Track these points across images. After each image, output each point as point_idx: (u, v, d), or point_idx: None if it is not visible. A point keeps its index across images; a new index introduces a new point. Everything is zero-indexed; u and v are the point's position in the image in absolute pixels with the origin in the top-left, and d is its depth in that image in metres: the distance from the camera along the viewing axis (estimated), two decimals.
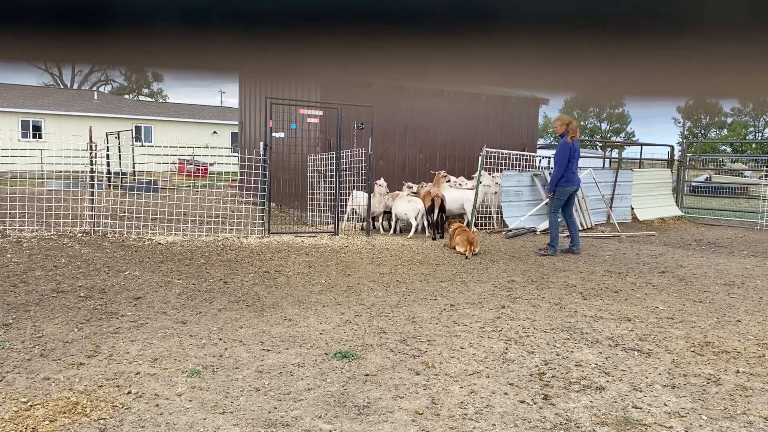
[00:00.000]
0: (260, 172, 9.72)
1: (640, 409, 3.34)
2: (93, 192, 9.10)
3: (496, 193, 10.90)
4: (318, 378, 3.66)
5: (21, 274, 6.26)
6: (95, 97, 34.34)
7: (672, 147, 15.80)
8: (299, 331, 4.61)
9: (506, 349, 4.31)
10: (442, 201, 9.56)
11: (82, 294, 5.56)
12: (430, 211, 9.65)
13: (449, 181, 10.65)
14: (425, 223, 9.90)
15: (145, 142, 29.29)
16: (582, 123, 65.92)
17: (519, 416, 3.20)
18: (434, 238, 9.62)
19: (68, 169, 11.36)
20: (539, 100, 14.55)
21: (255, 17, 0.46)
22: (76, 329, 4.50)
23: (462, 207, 10.50)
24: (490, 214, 11.15)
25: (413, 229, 9.83)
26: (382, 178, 10.41)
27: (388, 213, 10.55)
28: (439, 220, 9.74)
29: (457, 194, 10.59)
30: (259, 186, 9.79)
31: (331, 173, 10.21)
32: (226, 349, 4.15)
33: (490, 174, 11.17)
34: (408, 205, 9.85)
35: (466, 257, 8.02)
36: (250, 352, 4.08)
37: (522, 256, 8.36)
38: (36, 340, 4.21)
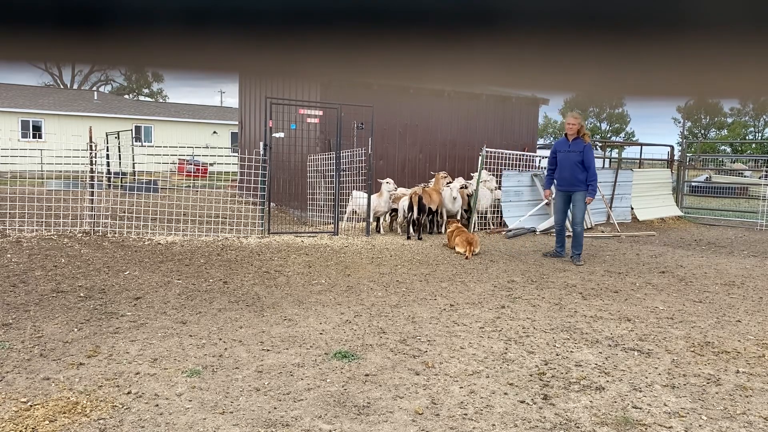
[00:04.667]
0: (260, 172, 9.73)
1: (640, 409, 3.34)
2: (93, 192, 9.10)
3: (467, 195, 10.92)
4: (318, 378, 3.66)
5: (21, 274, 6.26)
6: (95, 97, 34.33)
7: (672, 147, 15.80)
8: (299, 331, 4.61)
9: (506, 349, 4.31)
10: (420, 199, 9.55)
11: (82, 294, 5.55)
12: (410, 209, 9.64)
13: (450, 182, 10.64)
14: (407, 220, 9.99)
15: (145, 142, 29.28)
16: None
17: (519, 416, 3.20)
18: (408, 237, 9.64)
19: (68, 169, 11.36)
20: (539, 100, 14.55)
21: (255, 17, 0.46)
22: (76, 329, 4.50)
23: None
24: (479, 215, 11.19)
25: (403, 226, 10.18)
26: (390, 179, 10.39)
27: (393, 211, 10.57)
28: (420, 219, 9.76)
29: (487, 193, 10.86)
30: (259, 186, 9.79)
31: (331, 173, 10.21)
32: (225, 349, 4.15)
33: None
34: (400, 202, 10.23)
35: (466, 257, 8.02)
36: (249, 352, 4.08)
37: (522, 256, 8.36)
38: (36, 340, 4.21)
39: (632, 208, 13.20)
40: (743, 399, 3.51)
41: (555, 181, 8.14)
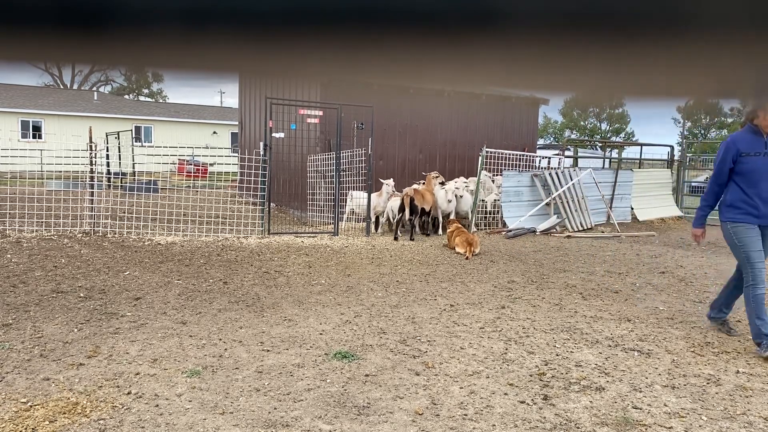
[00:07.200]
0: (260, 172, 9.73)
1: (640, 409, 3.34)
2: (93, 192, 9.10)
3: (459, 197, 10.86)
4: (318, 378, 3.66)
5: (21, 275, 6.26)
6: (95, 98, 34.32)
7: (672, 147, 15.80)
8: (299, 331, 4.60)
9: (506, 349, 4.31)
10: (412, 201, 9.51)
11: (82, 294, 5.55)
12: (401, 209, 9.58)
13: (443, 182, 10.63)
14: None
15: (145, 142, 29.28)
16: (582, 123, 65.92)
17: (519, 416, 3.20)
18: (411, 238, 9.56)
19: (68, 169, 11.37)
20: (539, 100, 14.56)
21: (255, 17, 0.46)
22: (76, 329, 4.49)
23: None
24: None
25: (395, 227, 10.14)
26: (391, 179, 10.39)
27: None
28: (412, 220, 9.69)
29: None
30: (259, 186, 9.79)
31: (331, 173, 10.22)
32: (225, 349, 4.15)
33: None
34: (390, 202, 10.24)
35: (467, 258, 8.01)
36: (250, 353, 4.08)
37: (522, 256, 8.36)
38: (36, 341, 4.21)
39: (632, 208, 13.20)
40: (743, 399, 3.51)
41: (730, 206, 5.07)
